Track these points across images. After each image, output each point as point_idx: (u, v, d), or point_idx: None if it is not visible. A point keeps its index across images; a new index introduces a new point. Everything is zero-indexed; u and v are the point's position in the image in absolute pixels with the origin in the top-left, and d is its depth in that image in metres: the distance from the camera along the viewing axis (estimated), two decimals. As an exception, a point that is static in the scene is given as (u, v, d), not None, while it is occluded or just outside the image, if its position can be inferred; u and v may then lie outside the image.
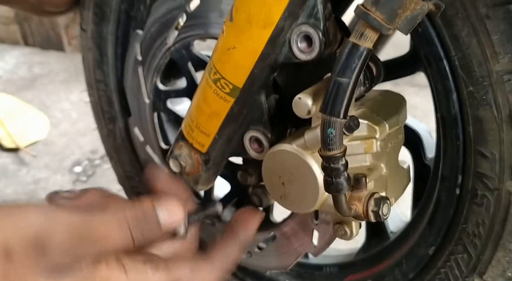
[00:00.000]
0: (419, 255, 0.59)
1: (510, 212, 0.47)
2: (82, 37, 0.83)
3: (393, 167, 0.49)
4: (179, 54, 0.68)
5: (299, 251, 0.65)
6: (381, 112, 0.48)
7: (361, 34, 0.36)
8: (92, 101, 0.88)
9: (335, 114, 0.37)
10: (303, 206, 0.48)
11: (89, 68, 0.85)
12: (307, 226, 0.63)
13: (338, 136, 0.38)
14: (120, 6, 0.77)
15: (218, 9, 0.58)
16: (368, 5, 0.35)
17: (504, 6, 0.41)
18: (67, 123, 1.68)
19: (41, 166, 1.50)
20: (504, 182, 0.46)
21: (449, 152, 0.52)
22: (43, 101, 1.80)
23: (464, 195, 0.51)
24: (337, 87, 0.37)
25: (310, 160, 0.46)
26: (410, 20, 0.35)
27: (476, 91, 0.46)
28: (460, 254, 0.53)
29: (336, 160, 0.39)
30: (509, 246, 0.48)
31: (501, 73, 0.43)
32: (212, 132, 0.56)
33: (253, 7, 0.44)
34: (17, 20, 2.14)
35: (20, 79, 1.98)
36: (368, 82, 0.48)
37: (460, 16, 0.44)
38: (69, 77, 1.94)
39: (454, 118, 0.49)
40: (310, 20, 0.43)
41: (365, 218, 0.43)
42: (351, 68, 0.36)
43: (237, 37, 0.47)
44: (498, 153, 0.46)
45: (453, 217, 0.53)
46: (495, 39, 0.42)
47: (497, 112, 0.44)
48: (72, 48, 2.10)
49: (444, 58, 0.47)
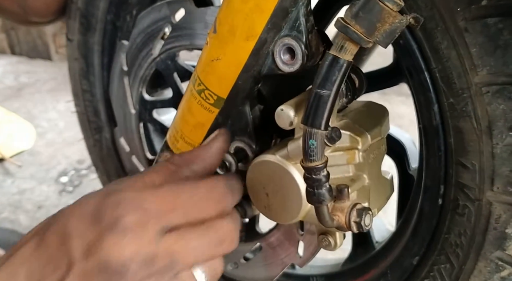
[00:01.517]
0: (403, 265, 0.59)
1: (491, 222, 0.47)
2: (68, 47, 0.82)
3: (375, 177, 0.50)
4: (165, 65, 0.68)
5: (285, 262, 0.65)
6: (363, 123, 0.48)
7: (341, 47, 0.36)
8: (78, 111, 0.88)
9: (316, 126, 0.38)
10: (287, 217, 0.48)
11: (75, 78, 0.85)
12: (293, 236, 0.63)
13: (319, 147, 0.38)
14: (106, 17, 0.77)
15: (203, 21, 0.59)
16: (348, 19, 0.36)
17: (481, 20, 0.42)
18: (54, 133, 1.67)
19: (27, 176, 1.49)
20: (484, 193, 0.47)
21: (432, 162, 0.52)
22: (29, 111, 1.79)
23: (446, 205, 0.52)
24: (318, 99, 0.37)
25: (293, 170, 0.46)
26: (389, 33, 0.36)
27: (456, 103, 0.46)
28: (443, 264, 0.53)
29: (317, 171, 0.39)
30: (490, 256, 0.49)
31: (480, 85, 0.44)
32: (197, 142, 0.56)
33: (236, 19, 0.44)
34: (4, 29, 2.13)
35: (6, 89, 1.96)
36: (350, 93, 0.48)
37: (440, 29, 0.44)
38: (56, 86, 1.93)
39: (436, 129, 0.50)
40: (293, 32, 0.44)
41: (347, 229, 0.43)
42: (331, 80, 0.37)
43: (221, 49, 0.47)
44: (478, 164, 0.47)
45: (436, 227, 0.54)
46: (474, 52, 0.43)
47: (477, 123, 0.45)
48: (60, 57, 2.10)
49: (425, 70, 0.48)
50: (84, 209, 0.39)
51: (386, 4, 0.34)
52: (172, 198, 0.40)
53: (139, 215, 0.38)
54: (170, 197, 0.40)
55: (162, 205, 0.39)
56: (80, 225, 0.38)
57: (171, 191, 0.41)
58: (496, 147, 0.45)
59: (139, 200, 0.39)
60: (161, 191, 0.41)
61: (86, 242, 0.37)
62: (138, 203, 0.38)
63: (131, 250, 0.36)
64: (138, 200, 0.39)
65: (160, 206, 0.39)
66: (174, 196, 0.40)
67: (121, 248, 0.36)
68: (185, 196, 0.41)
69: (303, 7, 0.43)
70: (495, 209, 0.47)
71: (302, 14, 0.43)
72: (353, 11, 0.35)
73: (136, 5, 0.78)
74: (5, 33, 2.13)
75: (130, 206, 0.38)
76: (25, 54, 2.16)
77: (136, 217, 0.37)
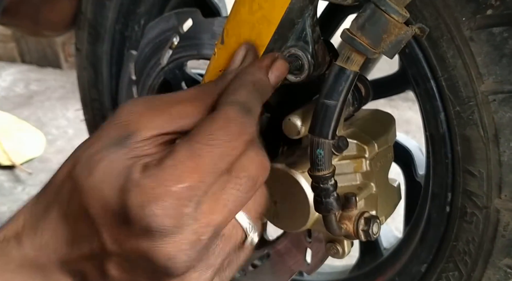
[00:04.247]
0: (412, 272, 0.59)
1: (499, 229, 0.47)
2: (77, 56, 0.84)
3: (383, 185, 0.50)
4: (173, 74, 0.69)
5: (293, 269, 0.65)
6: (370, 132, 0.49)
7: (347, 58, 0.37)
8: (87, 119, 0.89)
9: (324, 136, 0.38)
10: (295, 225, 0.48)
11: (84, 87, 0.86)
12: (301, 244, 0.63)
13: (326, 157, 0.39)
14: (114, 27, 0.78)
15: (210, 31, 0.60)
16: (354, 30, 0.36)
17: (487, 29, 0.42)
18: (63, 140, 1.69)
19: (37, 183, 1.50)
20: (492, 200, 0.47)
21: (439, 169, 0.52)
22: (39, 118, 1.81)
23: (454, 212, 0.52)
24: (325, 109, 0.38)
25: (301, 179, 0.46)
26: (395, 44, 0.36)
27: (463, 111, 0.46)
28: (451, 271, 0.53)
29: (325, 180, 0.39)
30: (499, 263, 0.49)
31: (486, 94, 0.44)
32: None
33: (243, 30, 0.45)
34: (14, 38, 2.16)
35: (16, 97, 1.99)
36: (356, 102, 0.49)
37: (445, 38, 0.45)
38: (66, 94, 1.95)
39: (443, 137, 0.50)
40: (299, 43, 0.44)
41: (355, 237, 0.43)
42: (338, 91, 0.37)
43: (228, 60, 0.47)
44: (486, 171, 0.47)
45: (444, 235, 0.54)
46: (480, 60, 0.43)
47: (484, 132, 0.45)
48: (69, 65, 2.12)
49: (432, 78, 0.48)
50: (105, 203, 0.33)
51: (392, 16, 0.35)
52: (192, 163, 0.33)
53: (171, 210, 0.32)
54: (190, 163, 0.33)
55: (187, 179, 0.32)
56: (107, 222, 0.33)
57: (187, 153, 0.33)
58: (503, 154, 0.45)
59: (163, 189, 0.32)
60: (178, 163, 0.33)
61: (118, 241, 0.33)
62: (164, 194, 0.32)
63: (175, 250, 0.32)
64: (162, 189, 0.32)
65: (185, 182, 0.32)
66: (193, 160, 0.33)
67: (164, 251, 0.32)
68: (205, 152, 0.33)
69: (309, 18, 0.44)
70: (503, 217, 0.47)
71: (308, 25, 0.44)
72: (359, 23, 0.36)
73: (144, 15, 0.79)
74: (15, 42, 2.16)
75: (158, 204, 0.32)
76: (35, 63, 2.19)
77: (168, 215, 0.32)
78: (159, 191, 0.32)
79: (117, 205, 0.33)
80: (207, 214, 0.33)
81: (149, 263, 0.33)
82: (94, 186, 0.34)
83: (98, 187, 0.34)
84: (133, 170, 0.33)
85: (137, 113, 0.37)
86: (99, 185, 0.34)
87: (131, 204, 0.32)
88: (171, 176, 0.33)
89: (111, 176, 0.34)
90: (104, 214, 0.34)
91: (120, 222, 0.33)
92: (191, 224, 0.33)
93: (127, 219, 0.33)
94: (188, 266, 0.33)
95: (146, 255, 0.33)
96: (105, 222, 0.34)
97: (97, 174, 0.34)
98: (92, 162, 0.35)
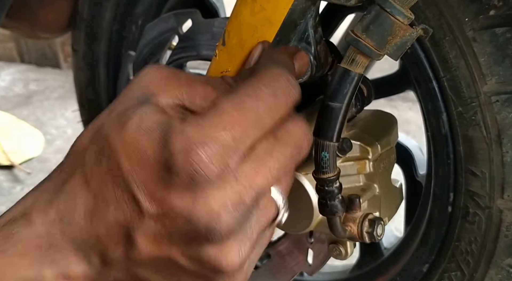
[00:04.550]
0: (413, 272, 0.59)
1: (502, 229, 0.47)
2: (73, 57, 0.83)
3: (386, 186, 0.50)
4: (173, 75, 0.69)
5: (295, 270, 0.65)
6: (373, 133, 0.49)
7: (352, 60, 0.37)
8: (84, 121, 0.89)
9: (328, 138, 0.38)
10: (298, 227, 0.48)
11: (81, 88, 0.86)
12: (302, 244, 0.63)
13: (331, 159, 0.39)
14: (111, 27, 0.78)
15: (209, 32, 0.59)
16: (359, 32, 0.36)
17: (490, 30, 0.42)
18: (62, 140, 1.68)
19: (36, 183, 1.49)
20: (494, 200, 0.47)
21: (440, 170, 0.52)
22: (38, 118, 1.80)
23: (456, 213, 0.52)
24: (329, 112, 0.38)
25: (304, 181, 0.46)
26: (400, 46, 0.36)
27: (465, 112, 0.46)
28: (453, 271, 0.53)
29: (330, 183, 0.39)
30: (502, 263, 0.49)
31: (489, 95, 0.44)
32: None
33: (245, 32, 0.45)
34: (13, 38, 2.15)
35: (15, 96, 1.98)
36: (359, 103, 0.48)
37: (448, 39, 0.45)
38: (65, 94, 1.94)
39: (445, 138, 0.50)
40: (301, 44, 0.44)
41: (360, 239, 0.43)
42: (342, 93, 0.37)
43: (229, 61, 0.47)
44: (488, 172, 0.47)
45: (445, 235, 0.54)
46: (482, 61, 0.43)
47: (486, 132, 0.45)
48: (68, 65, 2.11)
49: (434, 79, 0.48)
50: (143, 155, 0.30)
51: (397, 17, 0.34)
52: (237, 114, 0.31)
53: (217, 157, 0.29)
54: (235, 113, 0.31)
55: (232, 129, 0.30)
56: (144, 178, 0.30)
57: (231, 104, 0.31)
58: (506, 155, 0.45)
59: (208, 134, 0.30)
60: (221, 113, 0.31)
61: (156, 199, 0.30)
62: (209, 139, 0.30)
63: (219, 206, 0.30)
64: (207, 135, 0.30)
65: (231, 130, 0.30)
66: (238, 110, 0.31)
67: (207, 207, 0.30)
68: (250, 104, 0.31)
69: (311, 19, 0.44)
70: (506, 217, 0.47)
71: (310, 26, 0.44)
72: (363, 25, 0.35)
73: (141, 16, 0.79)
74: (15, 41, 2.15)
75: (205, 148, 0.29)
76: (34, 63, 2.18)
77: (214, 162, 0.29)
78: (204, 136, 0.29)
79: (157, 155, 0.30)
80: (250, 175, 0.31)
81: (188, 225, 0.30)
82: (129, 140, 0.31)
83: (133, 140, 0.31)
84: (171, 120, 0.31)
85: (163, 79, 0.34)
86: (135, 137, 0.31)
87: (175, 149, 0.29)
88: (215, 123, 0.30)
89: (148, 128, 0.31)
90: (141, 170, 0.30)
91: (160, 176, 0.30)
92: (233, 182, 0.30)
93: (169, 169, 0.30)
94: (230, 230, 0.30)
95: (187, 214, 0.30)
96: (141, 179, 0.30)
97: (131, 127, 0.31)
98: (123, 118, 0.32)
